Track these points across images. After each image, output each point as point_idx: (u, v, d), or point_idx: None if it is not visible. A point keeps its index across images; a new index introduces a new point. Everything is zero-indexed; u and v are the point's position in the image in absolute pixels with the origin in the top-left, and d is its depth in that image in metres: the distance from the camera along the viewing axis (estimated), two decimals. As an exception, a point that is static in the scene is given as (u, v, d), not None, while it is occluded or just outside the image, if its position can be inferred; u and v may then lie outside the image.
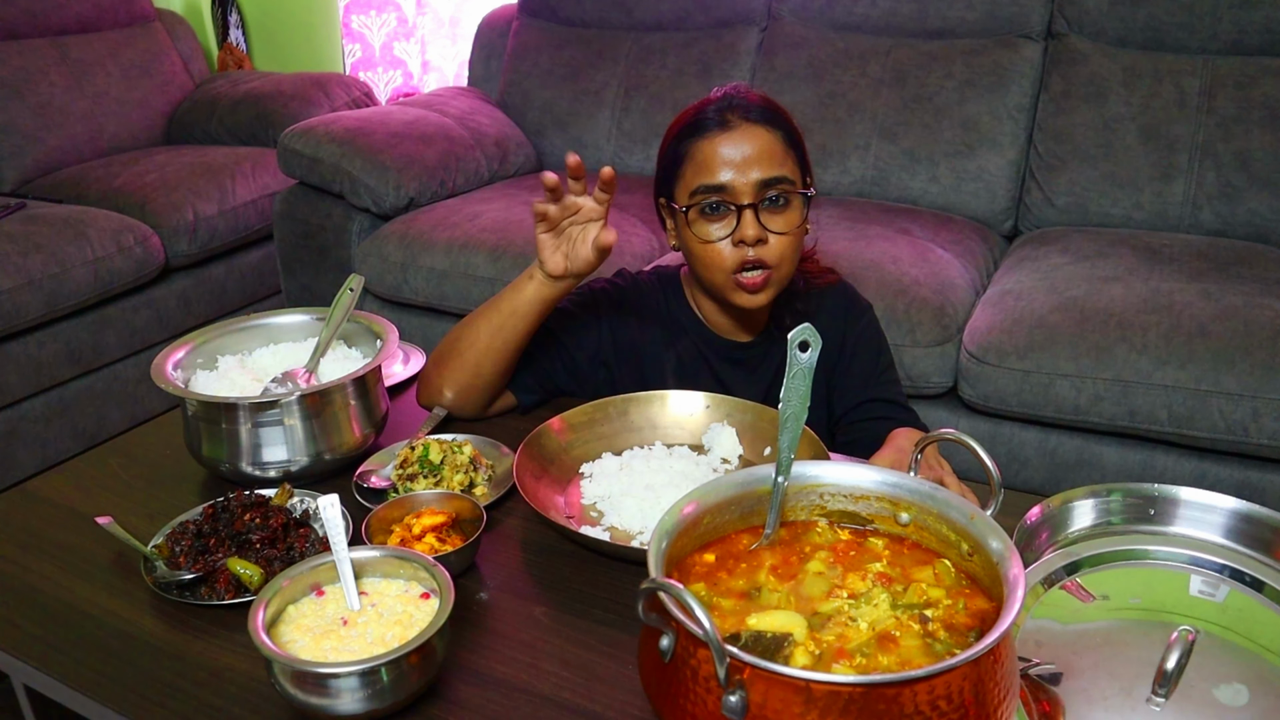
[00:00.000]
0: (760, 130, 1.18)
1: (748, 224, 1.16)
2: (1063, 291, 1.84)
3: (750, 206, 1.16)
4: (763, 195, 1.17)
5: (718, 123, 1.18)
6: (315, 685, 0.75)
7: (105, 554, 1.02)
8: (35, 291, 2.21)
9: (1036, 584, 0.82)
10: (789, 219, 1.19)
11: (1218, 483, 1.70)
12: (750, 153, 1.16)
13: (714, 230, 1.19)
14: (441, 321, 2.29)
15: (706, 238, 1.19)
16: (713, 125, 1.18)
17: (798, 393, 0.79)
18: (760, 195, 1.17)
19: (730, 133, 1.17)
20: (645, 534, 1.01)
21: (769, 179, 1.17)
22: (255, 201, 2.78)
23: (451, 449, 1.09)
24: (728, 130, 1.17)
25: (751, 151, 1.16)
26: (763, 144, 1.17)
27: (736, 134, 1.17)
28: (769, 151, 1.17)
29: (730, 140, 1.17)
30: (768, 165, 1.17)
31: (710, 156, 1.18)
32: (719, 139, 1.17)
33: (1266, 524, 0.87)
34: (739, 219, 1.17)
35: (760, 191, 1.17)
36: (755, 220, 1.17)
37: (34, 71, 2.85)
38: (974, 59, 2.37)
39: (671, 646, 0.66)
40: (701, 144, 1.19)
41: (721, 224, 1.19)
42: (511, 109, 2.88)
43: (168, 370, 1.14)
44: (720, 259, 1.19)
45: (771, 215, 1.18)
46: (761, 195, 1.17)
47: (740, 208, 1.17)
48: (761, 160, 1.16)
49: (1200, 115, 2.15)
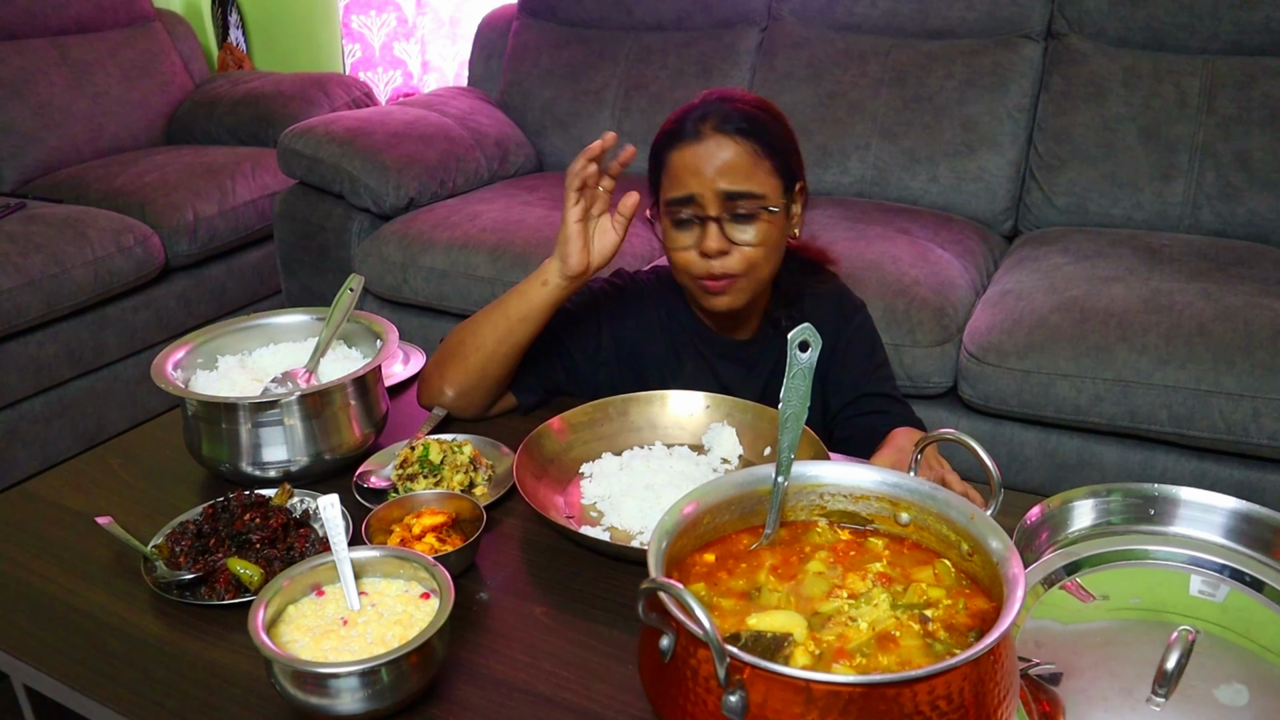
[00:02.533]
0: (729, 141, 1.17)
1: (711, 236, 1.17)
2: (1063, 291, 1.84)
3: (715, 219, 1.17)
4: (729, 207, 1.17)
5: (691, 134, 1.18)
6: (315, 685, 0.75)
7: (105, 554, 1.02)
8: (35, 291, 2.21)
9: (1036, 584, 0.82)
10: (759, 231, 1.18)
11: (1218, 483, 1.70)
12: (717, 164, 1.16)
13: (682, 239, 1.20)
14: (441, 321, 2.28)
15: (675, 245, 1.21)
16: (687, 135, 1.18)
17: (798, 393, 0.79)
18: (726, 208, 1.17)
19: (701, 143, 1.17)
20: (645, 534, 1.01)
21: (733, 192, 1.16)
22: (255, 201, 2.78)
23: (451, 449, 1.09)
24: (698, 141, 1.17)
25: (719, 163, 1.16)
26: (731, 155, 1.16)
27: (707, 144, 1.17)
28: (736, 164, 1.16)
29: (698, 151, 1.17)
30: (733, 179, 1.16)
31: (680, 168, 1.18)
32: (688, 149, 1.18)
33: (1266, 524, 0.87)
34: (704, 230, 1.18)
35: (725, 204, 1.17)
36: (719, 233, 1.17)
37: (34, 71, 2.85)
38: (974, 59, 2.37)
39: (671, 646, 0.66)
40: (674, 154, 1.19)
41: (690, 233, 1.20)
42: (511, 109, 2.87)
43: (168, 370, 1.14)
44: (688, 266, 1.21)
45: (739, 227, 1.18)
46: (727, 208, 1.17)
47: (704, 219, 1.17)
48: (727, 173, 1.16)
49: (1200, 115, 2.15)
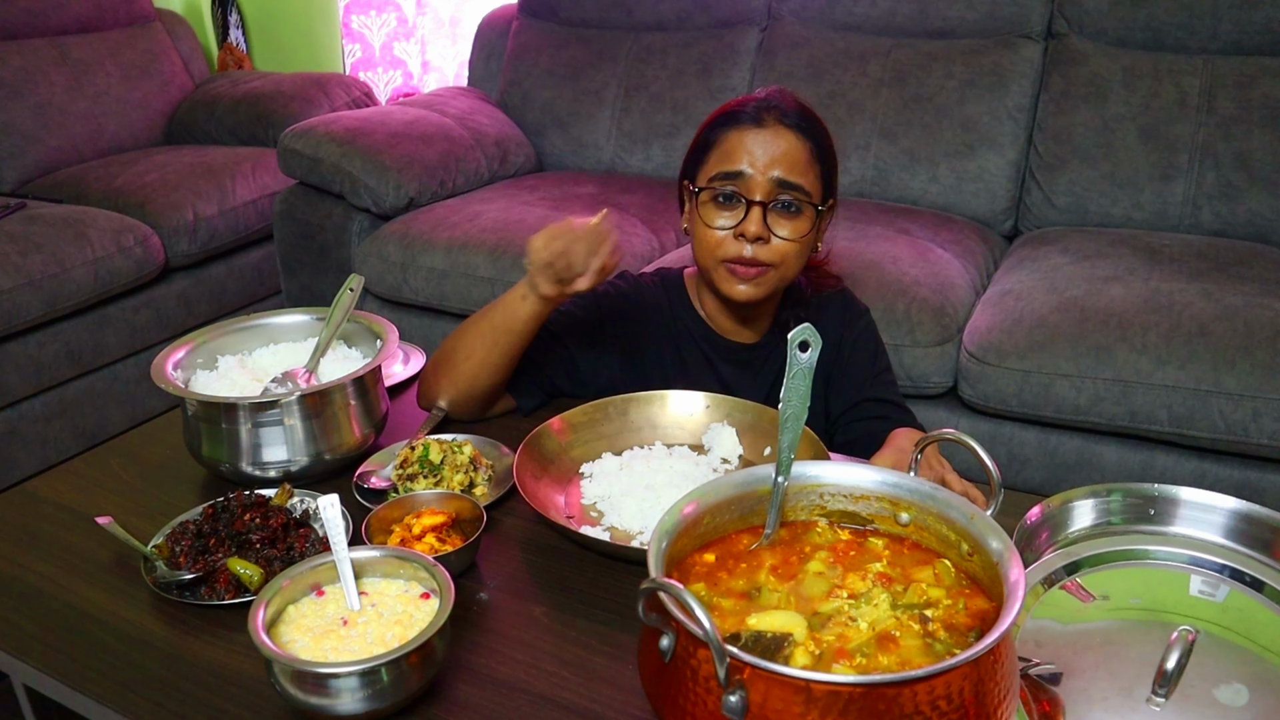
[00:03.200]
0: (791, 135, 1.19)
1: (753, 220, 1.17)
2: (1063, 291, 1.84)
3: (760, 204, 1.17)
4: (775, 196, 1.18)
5: (753, 118, 1.19)
6: (315, 685, 0.75)
7: (105, 554, 1.01)
8: (35, 291, 2.21)
9: (1036, 584, 0.82)
10: (797, 227, 1.19)
11: (1218, 483, 1.70)
12: (775, 153, 1.17)
13: (721, 218, 1.20)
14: (441, 321, 2.29)
15: (711, 222, 1.21)
16: (747, 119, 1.20)
17: (798, 393, 0.79)
18: (773, 195, 1.18)
19: (762, 129, 1.19)
20: (645, 534, 1.01)
21: (786, 181, 1.17)
22: (255, 201, 2.78)
23: (451, 449, 1.09)
24: (760, 127, 1.19)
25: (776, 152, 1.18)
26: (789, 147, 1.18)
27: (767, 132, 1.18)
28: (793, 157, 1.18)
29: (759, 136, 1.18)
30: (788, 169, 1.18)
31: (736, 146, 1.19)
32: (749, 132, 1.19)
33: (1266, 524, 0.87)
34: (747, 213, 1.18)
35: (774, 191, 1.18)
36: (761, 219, 1.17)
37: (34, 71, 2.85)
38: (974, 59, 2.37)
39: (671, 646, 0.66)
40: (731, 134, 1.20)
41: (730, 214, 1.20)
42: (511, 109, 2.87)
43: (168, 370, 1.14)
44: (717, 246, 1.20)
45: (780, 219, 1.19)
46: (774, 195, 1.18)
47: (750, 203, 1.18)
48: (783, 162, 1.17)
49: (1200, 115, 2.15)
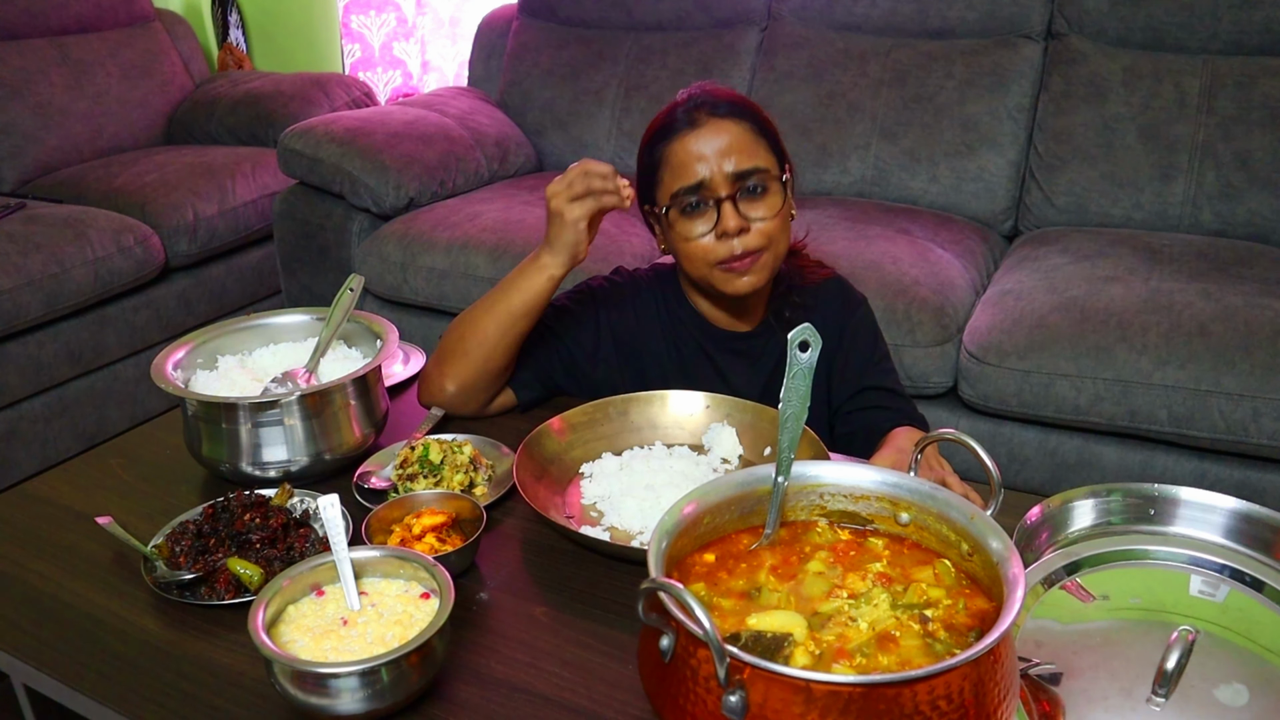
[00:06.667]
0: (728, 124, 1.19)
1: (728, 216, 1.17)
2: (1063, 291, 1.84)
3: (729, 199, 1.17)
4: (739, 186, 1.18)
5: (687, 122, 1.20)
6: (315, 685, 0.75)
7: (105, 554, 1.02)
8: (35, 291, 2.21)
9: (1036, 584, 0.82)
10: (770, 204, 1.20)
11: (1218, 483, 1.70)
12: (721, 146, 1.18)
13: (696, 227, 1.20)
14: (441, 321, 2.28)
15: (689, 235, 1.21)
16: (683, 125, 1.20)
17: (798, 393, 0.79)
18: (736, 186, 1.18)
19: (700, 130, 1.19)
20: (645, 534, 1.01)
21: (743, 170, 1.18)
22: (255, 201, 2.78)
23: (451, 449, 1.09)
24: (697, 128, 1.19)
25: (722, 145, 1.18)
26: (732, 136, 1.18)
27: (706, 130, 1.18)
28: (739, 143, 1.18)
29: (700, 137, 1.18)
30: (740, 157, 1.18)
31: (684, 157, 1.19)
32: (689, 137, 1.19)
33: (1266, 524, 0.87)
34: (719, 213, 1.18)
35: (736, 183, 1.18)
36: (735, 211, 1.18)
37: (34, 71, 2.85)
38: (974, 59, 2.37)
39: (671, 646, 0.66)
40: (674, 145, 1.20)
41: (703, 220, 1.20)
42: (511, 109, 2.87)
43: (168, 370, 1.14)
44: (706, 253, 1.20)
45: (751, 203, 1.19)
46: (738, 186, 1.18)
47: (719, 201, 1.18)
48: (733, 152, 1.18)
49: (1200, 115, 2.15)
